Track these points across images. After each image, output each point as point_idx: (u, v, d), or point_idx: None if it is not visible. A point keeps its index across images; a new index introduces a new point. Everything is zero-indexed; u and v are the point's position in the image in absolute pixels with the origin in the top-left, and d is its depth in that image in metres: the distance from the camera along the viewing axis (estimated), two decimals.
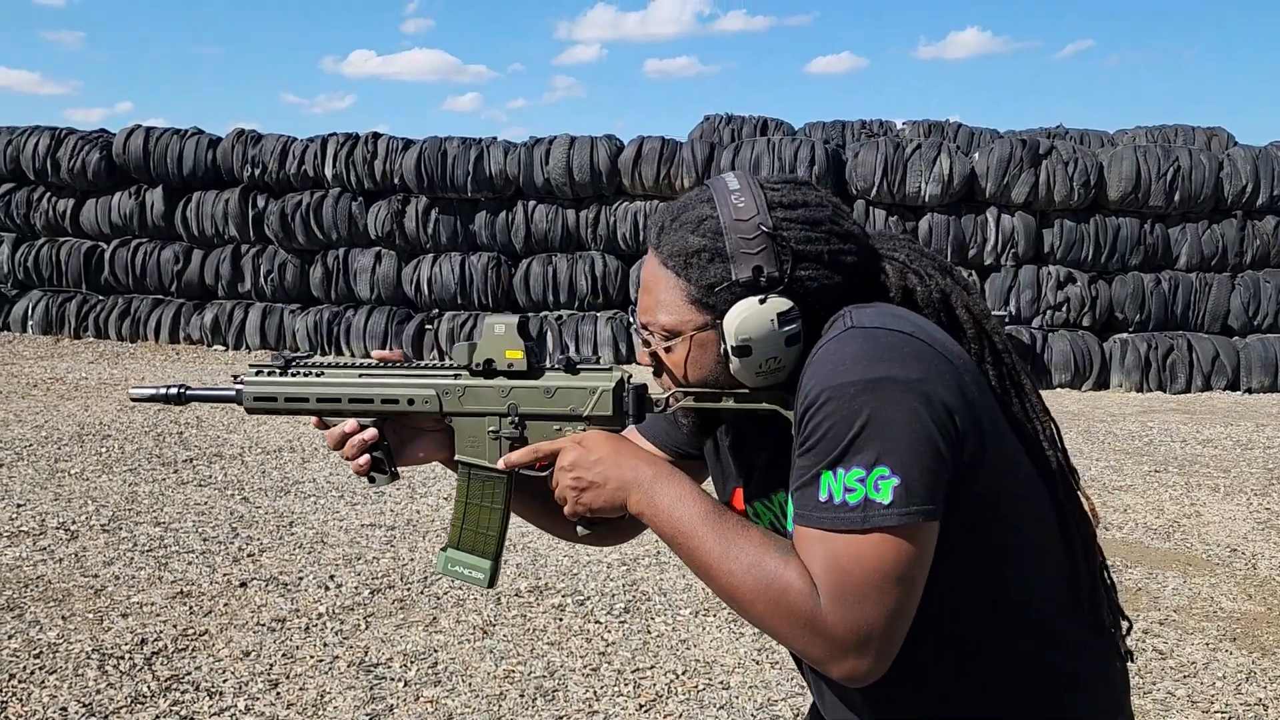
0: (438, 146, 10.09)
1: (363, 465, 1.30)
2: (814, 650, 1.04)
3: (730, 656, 3.32)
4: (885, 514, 1.00)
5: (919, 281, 1.19)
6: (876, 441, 1.01)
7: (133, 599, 3.65)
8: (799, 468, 1.06)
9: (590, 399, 1.24)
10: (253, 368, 1.34)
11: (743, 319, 1.11)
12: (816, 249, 1.14)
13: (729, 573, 1.07)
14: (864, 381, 1.02)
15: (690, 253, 1.14)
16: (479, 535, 1.31)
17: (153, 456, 5.79)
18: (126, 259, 10.69)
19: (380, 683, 3.07)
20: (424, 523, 4.70)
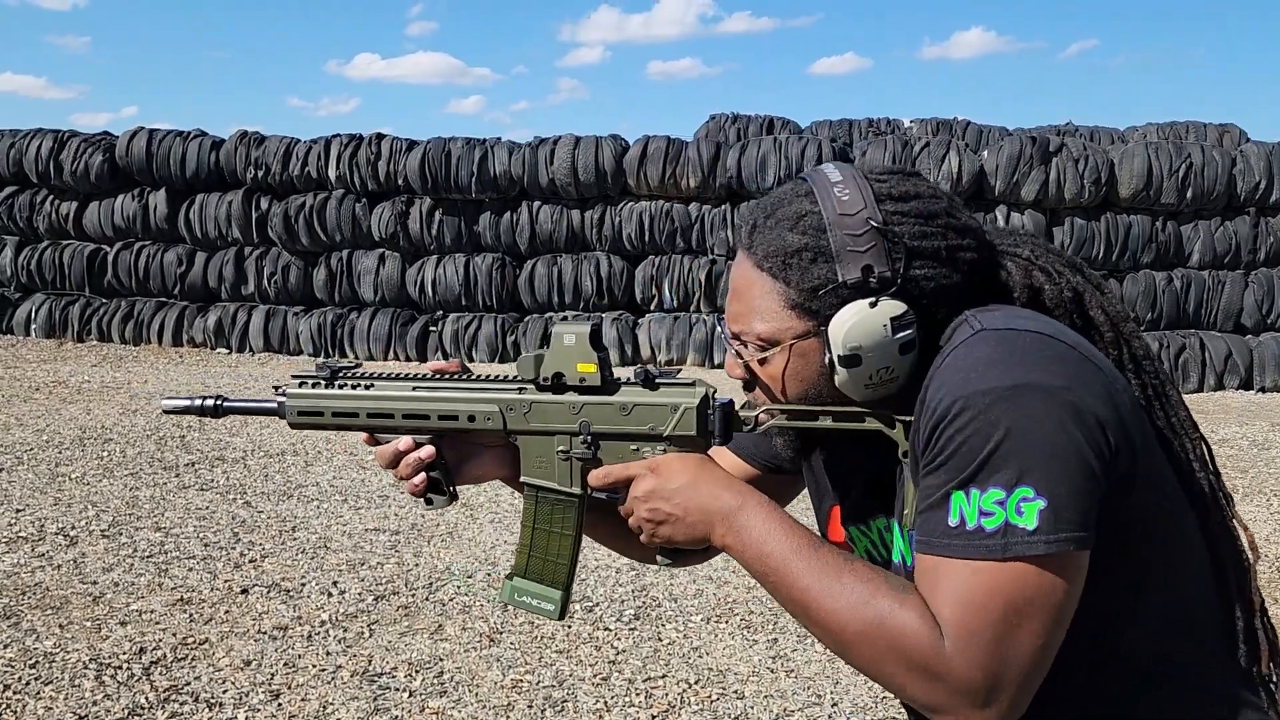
0: (442, 147, 10.01)
1: (419, 486, 1.20)
2: (933, 699, 0.91)
3: (744, 665, 3.23)
4: (1030, 541, 0.88)
5: (1047, 280, 1.06)
6: (1018, 458, 0.88)
7: (132, 606, 3.57)
8: (925, 488, 0.94)
9: (672, 417, 1.12)
10: (295, 379, 1.24)
11: (851, 325, 1.00)
12: (932, 245, 1.01)
13: (831, 612, 0.95)
14: (1002, 389, 0.90)
15: (789, 252, 1.02)
16: (548, 563, 1.21)
17: (154, 460, 5.71)
18: (129, 262, 10.63)
19: (384, 693, 2.99)
20: (429, 527, 4.62)
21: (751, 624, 3.55)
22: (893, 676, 0.92)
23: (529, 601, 1.22)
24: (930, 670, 0.90)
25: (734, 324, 1.09)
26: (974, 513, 0.90)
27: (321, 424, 1.23)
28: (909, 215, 1.02)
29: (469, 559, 4.18)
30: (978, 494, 0.90)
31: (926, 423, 0.95)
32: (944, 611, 0.90)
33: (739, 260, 1.10)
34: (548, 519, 1.20)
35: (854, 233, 1.00)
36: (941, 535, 0.92)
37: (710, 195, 9.70)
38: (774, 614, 3.64)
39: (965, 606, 0.89)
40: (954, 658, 0.89)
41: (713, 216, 9.67)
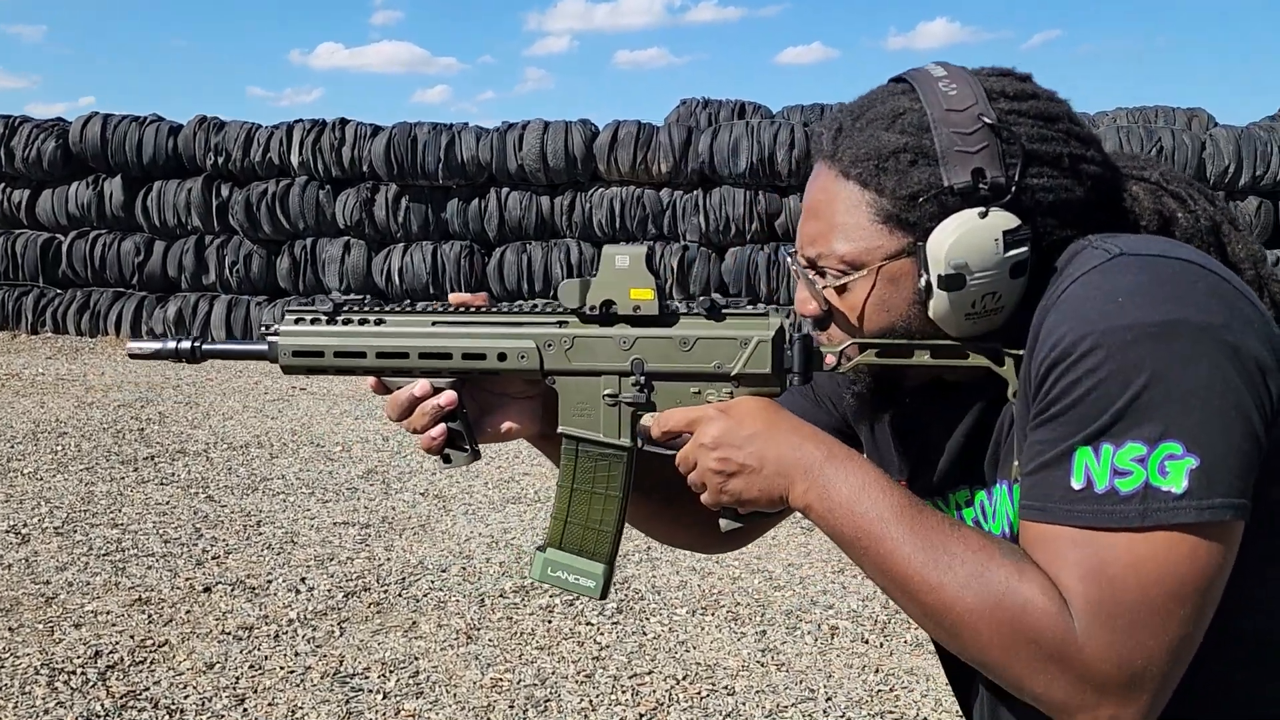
0: (407, 133, 9.79)
1: (437, 439, 1.01)
2: (1058, 692, 0.76)
3: (733, 659, 3.11)
4: (1177, 507, 0.74)
5: (1180, 207, 0.91)
6: (1164, 407, 0.74)
7: (87, 608, 3.39)
8: (1036, 443, 0.80)
9: (741, 353, 0.96)
10: (291, 314, 1.05)
11: (957, 238, 0.85)
12: (1053, 150, 0.86)
13: (937, 587, 0.80)
14: (1147, 325, 0.75)
15: (884, 154, 0.87)
16: (589, 531, 1.03)
17: (111, 454, 5.50)
18: (85, 251, 10.31)
19: (357, 695, 2.84)
20: (400, 520, 4.46)
21: (739, 616, 3.43)
22: (1009, 664, 0.78)
23: (565, 578, 1.04)
24: (1058, 656, 0.76)
25: (810, 248, 0.93)
26: (1105, 473, 0.75)
27: (321, 366, 1.05)
28: (1026, 115, 0.87)
29: (442, 553, 4.02)
30: (1111, 450, 0.75)
31: (1041, 362, 0.80)
32: (1072, 585, 0.76)
33: (817, 173, 0.94)
34: (590, 478, 1.02)
35: (963, 131, 0.85)
36: (1061, 500, 0.77)
37: (682, 181, 9.56)
38: (761, 605, 3.52)
39: (1099, 582, 0.75)
40: (1087, 643, 0.75)
41: (684, 202, 9.53)
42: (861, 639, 3.26)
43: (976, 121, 0.85)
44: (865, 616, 3.42)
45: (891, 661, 3.10)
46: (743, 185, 9.40)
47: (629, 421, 1.00)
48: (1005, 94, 0.89)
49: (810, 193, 0.95)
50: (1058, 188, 0.87)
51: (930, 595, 0.80)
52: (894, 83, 0.93)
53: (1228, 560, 0.76)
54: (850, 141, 0.90)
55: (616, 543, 1.04)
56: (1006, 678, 0.79)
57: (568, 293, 0.99)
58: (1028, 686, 0.78)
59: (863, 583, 3.72)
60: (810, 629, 3.33)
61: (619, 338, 0.99)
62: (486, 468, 5.37)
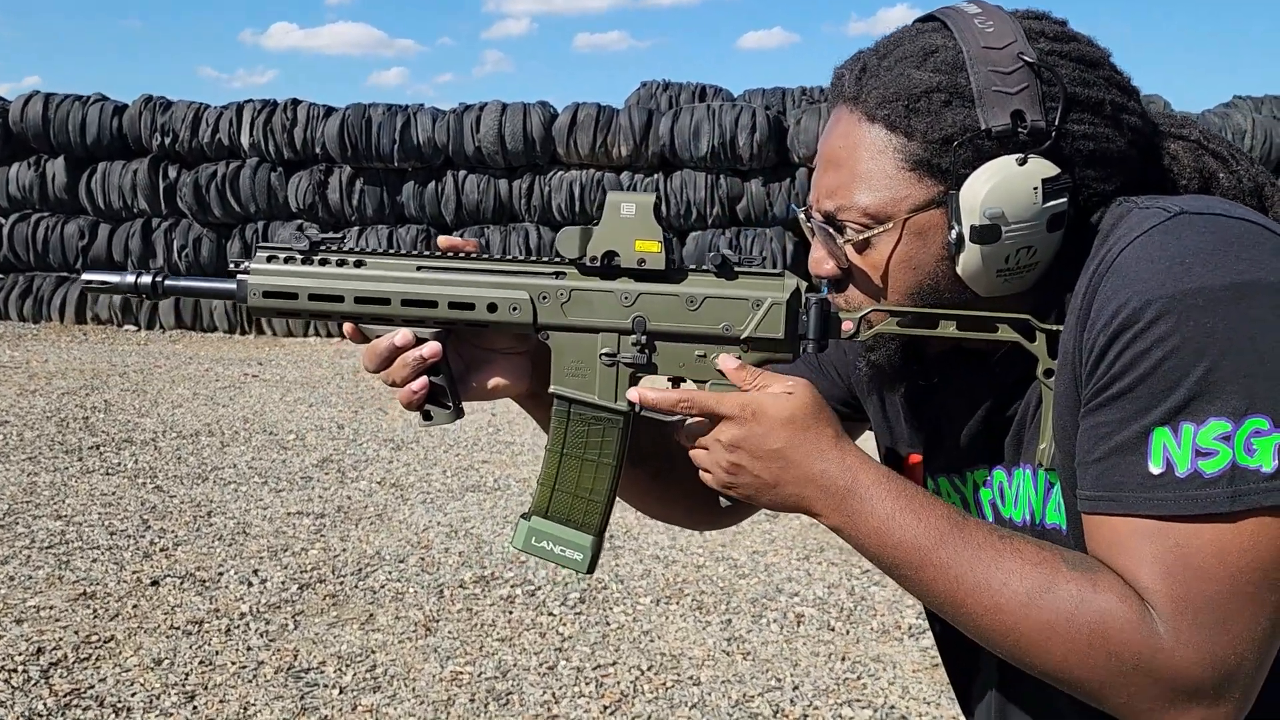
0: (362, 114, 9.61)
1: (418, 392, 0.92)
2: (1146, 700, 0.70)
3: (698, 648, 3.06)
4: (1269, 487, 0.68)
5: (1222, 167, 0.85)
6: (1245, 378, 0.68)
7: (29, 602, 3.26)
8: (1101, 425, 0.73)
9: (753, 314, 0.89)
10: (263, 250, 0.96)
11: (994, 184, 0.78)
12: (1096, 95, 0.79)
13: (994, 609, 0.73)
14: (1224, 287, 0.69)
15: (916, 94, 0.80)
16: (578, 500, 0.95)
17: (55, 443, 5.32)
18: (27, 234, 10.02)
19: (312, 690, 2.75)
20: (356, 510, 4.36)
21: (703, 605, 3.38)
22: (1088, 680, 0.72)
23: (549, 549, 0.96)
24: (1145, 664, 0.70)
25: (828, 200, 0.85)
26: (1187, 454, 0.69)
27: (294, 309, 0.96)
28: (1068, 57, 0.81)
29: (399, 543, 3.93)
30: (1192, 429, 0.69)
31: (1099, 333, 0.73)
32: (1153, 585, 0.70)
33: (837, 119, 0.87)
34: (581, 443, 0.94)
35: (1002, 70, 0.78)
36: (1138, 488, 0.71)
37: (642, 164, 9.48)
38: (726, 593, 3.48)
39: (1183, 576, 0.69)
40: (1176, 646, 0.69)
41: (645, 186, 9.45)
42: (828, 626, 3.22)
43: (1016, 60, 0.79)
44: (831, 604, 3.39)
45: (858, 649, 3.07)
46: (704, 169, 9.34)
47: (627, 383, 0.93)
48: (1045, 34, 0.82)
49: (828, 140, 0.87)
50: (1099, 136, 0.80)
51: (989, 618, 0.75)
52: (923, 21, 0.86)
53: None
54: (877, 81, 0.83)
55: (607, 514, 0.96)
56: (1085, 691, 0.74)
57: (566, 241, 0.91)
58: (1109, 698, 0.73)
59: (829, 569, 3.69)
60: (776, 617, 3.29)
61: (620, 293, 0.91)
62: (445, 456, 5.28)
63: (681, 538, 4.00)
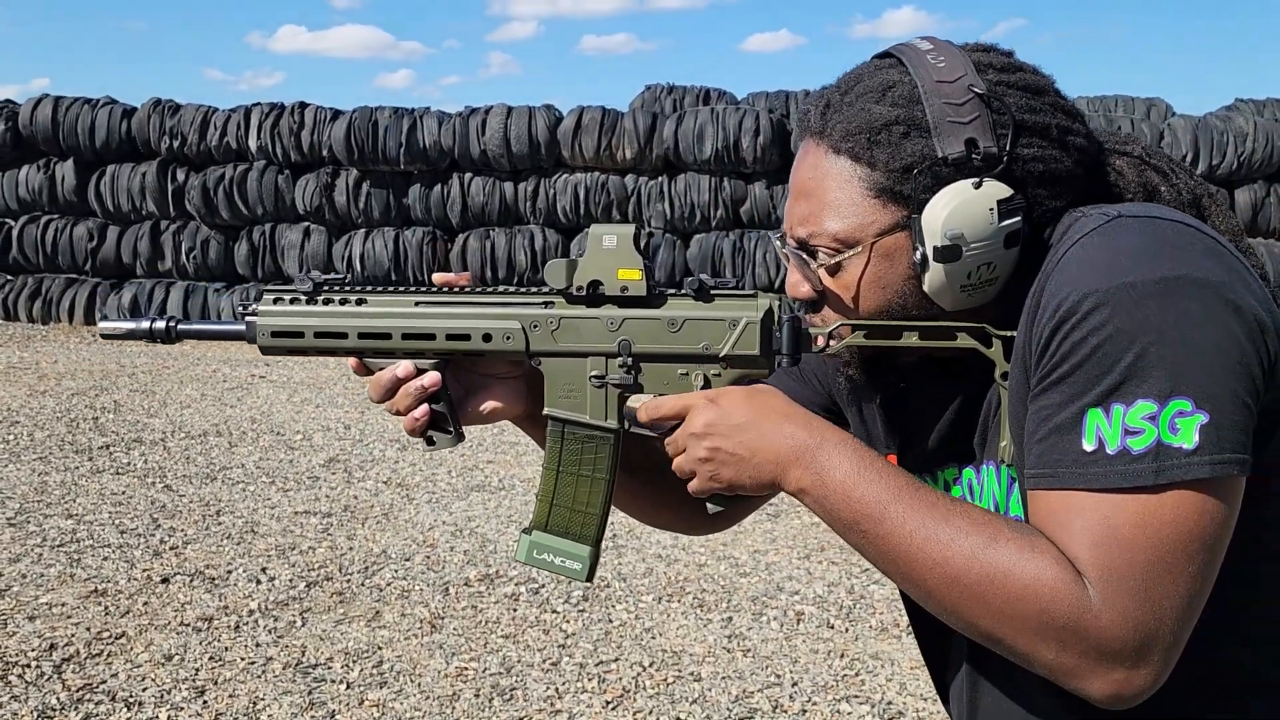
0: (368, 117, 9.67)
1: (420, 419, 1.00)
2: (1072, 659, 0.76)
3: (699, 645, 3.11)
4: (1190, 463, 0.74)
5: (1163, 181, 0.92)
6: (1172, 363, 0.73)
7: (41, 600, 3.32)
8: (1044, 408, 0.79)
9: (730, 334, 0.96)
10: (269, 293, 1.03)
11: (952, 208, 0.84)
12: (1042, 121, 0.86)
13: (940, 562, 0.79)
14: (1150, 283, 0.74)
15: (876, 127, 0.86)
16: (575, 514, 1.02)
17: (65, 443, 5.39)
18: (36, 236, 10.09)
19: (319, 685, 2.80)
20: (363, 509, 4.41)
21: (704, 603, 3.43)
22: (1019, 637, 0.77)
23: (551, 560, 1.03)
24: (1072, 624, 0.75)
25: (800, 228, 0.91)
26: (1116, 433, 0.75)
27: (301, 347, 1.03)
28: (1014, 87, 0.87)
29: (405, 542, 3.98)
30: (1121, 410, 0.75)
31: (1044, 325, 0.79)
32: (1083, 554, 0.76)
33: (805, 152, 0.93)
34: (576, 460, 1.01)
35: (954, 101, 0.85)
36: (1073, 464, 0.77)
37: (646, 166, 9.53)
38: (727, 592, 3.52)
39: (1110, 546, 0.75)
40: (1102, 609, 0.74)
41: (649, 188, 9.50)
42: (827, 624, 3.27)
43: (967, 92, 0.85)
44: (831, 602, 3.43)
45: (857, 646, 3.11)
46: (707, 172, 9.39)
47: (615, 403, 1.00)
48: (993, 66, 0.88)
49: (798, 172, 0.93)
50: (1047, 158, 0.87)
51: (934, 571, 0.80)
52: (880, 58, 0.92)
53: (1232, 515, 0.77)
54: (840, 116, 0.89)
55: (603, 525, 1.03)
56: (1016, 649, 0.79)
57: (554, 273, 0.98)
58: (1039, 656, 0.78)
59: (828, 568, 3.73)
60: (776, 615, 3.34)
61: (606, 319, 0.98)
62: (450, 456, 5.33)
63: (684, 537, 4.05)
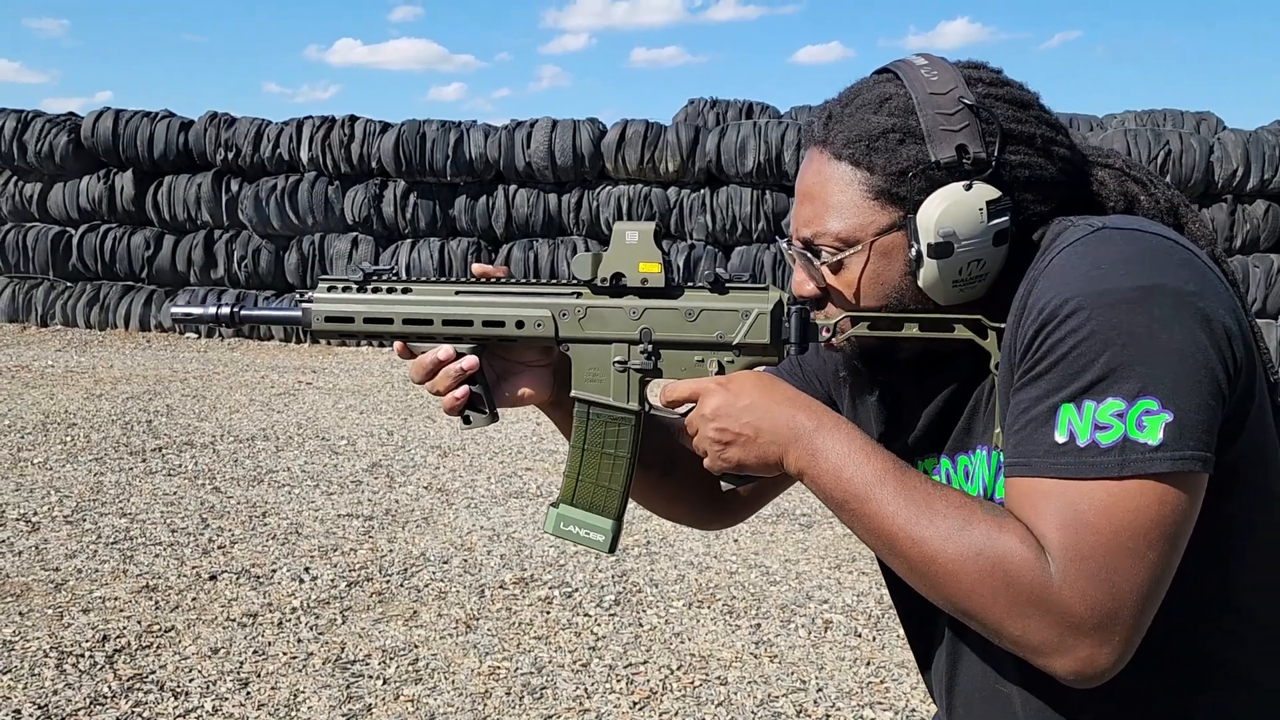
0: (416, 129, 9.86)
1: (460, 398, 1.08)
2: (1035, 634, 0.82)
3: (727, 650, 3.16)
4: (1153, 457, 0.79)
5: (1142, 190, 0.98)
6: (1142, 366, 0.79)
7: (95, 594, 3.46)
8: (1022, 402, 0.85)
9: (742, 324, 1.03)
10: (323, 282, 1.13)
11: (944, 208, 0.91)
12: (1028, 131, 0.94)
13: (920, 540, 0.86)
14: (1127, 290, 0.81)
15: (874, 135, 0.94)
16: (599, 488, 1.10)
17: (120, 445, 5.57)
18: (95, 244, 10.41)
19: (357, 680, 2.90)
20: (403, 513, 4.52)
21: (734, 609, 3.48)
22: (989, 611, 0.83)
23: (575, 532, 1.11)
24: (1036, 600, 0.81)
25: (805, 229, 0.99)
26: (1087, 427, 0.81)
27: (351, 331, 1.12)
28: (1002, 99, 0.95)
29: (444, 545, 4.08)
30: (1093, 406, 0.81)
31: (1029, 325, 0.85)
32: (1050, 534, 0.82)
33: (810, 159, 1.00)
34: (600, 439, 1.09)
35: (946, 111, 0.92)
36: (1045, 454, 0.83)
37: (689, 179, 9.61)
38: (757, 599, 3.57)
39: (1075, 529, 0.80)
40: (1063, 586, 0.80)
41: (691, 201, 9.58)
42: (854, 633, 3.31)
43: (957, 103, 0.92)
44: (859, 611, 3.47)
45: (883, 655, 3.15)
46: (749, 185, 9.45)
47: (637, 387, 1.07)
48: (982, 80, 0.96)
49: (803, 178, 1.00)
50: (1033, 165, 0.94)
51: (914, 549, 0.86)
52: (878, 74, 1.00)
53: (1193, 510, 0.82)
54: (841, 126, 0.97)
55: (624, 500, 1.11)
56: (987, 623, 0.84)
57: (580, 265, 1.05)
58: (1007, 630, 0.83)
59: (859, 578, 3.77)
60: (804, 622, 3.38)
61: (629, 308, 1.05)
62: (489, 462, 5.43)
63: (716, 545, 4.10)
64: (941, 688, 1.05)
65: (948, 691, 1.04)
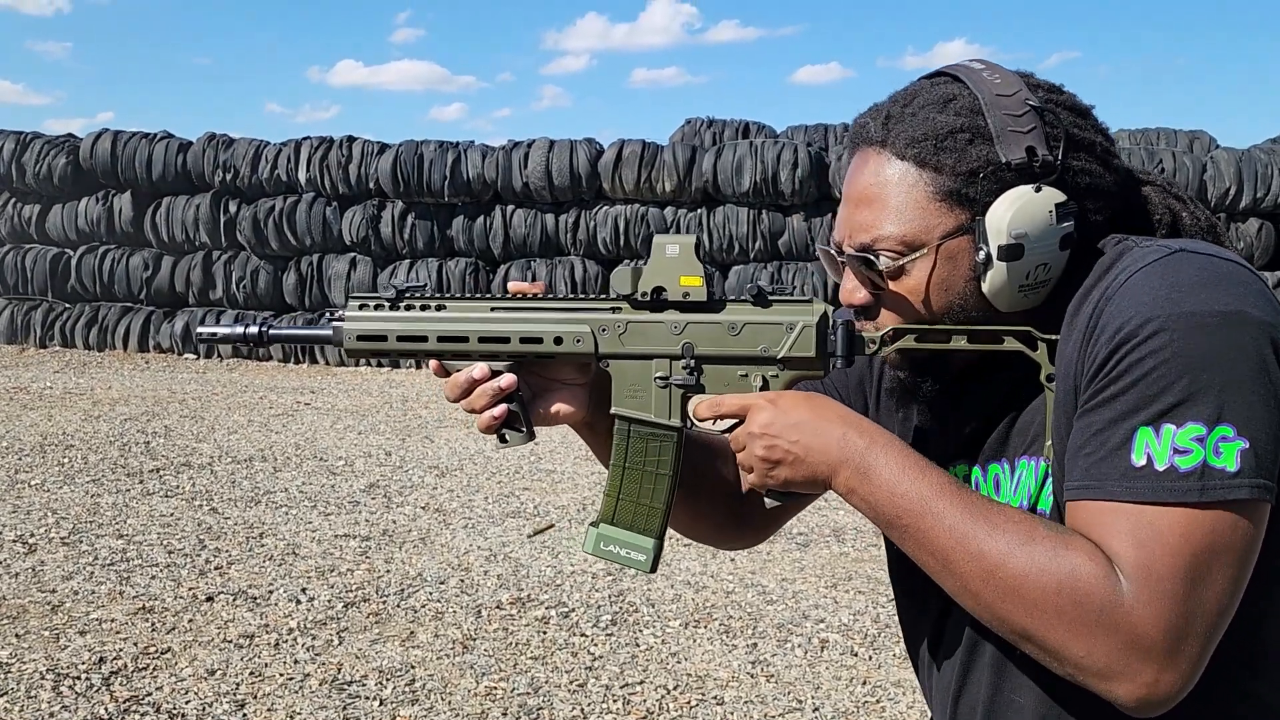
0: (414, 150, 9.91)
1: (498, 417, 1.04)
2: (1101, 656, 0.79)
3: (723, 670, 3.16)
4: (1231, 484, 0.78)
5: (1184, 208, 0.99)
6: (1221, 391, 0.79)
7: (92, 615, 3.46)
8: (1094, 423, 0.84)
9: (787, 337, 1.00)
10: (354, 299, 1.08)
11: (1017, 208, 0.90)
12: (1089, 138, 0.94)
13: (978, 555, 0.83)
14: (1213, 314, 0.80)
15: (943, 134, 0.92)
16: (640, 507, 1.07)
17: (117, 466, 5.57)
18: (94, 266, 10.44)
19: (354, 702, 2.90)
20: (401, 533, 4.52)
21: (731, 629, 3.48)
22: (1052, 629, 0.81)
23: (616, 551, 1.08)
24: (1105, 618, 0.79)
25: (860, 235, 0.96)
26: (1165, 451, 0.80)
27: (384, 350, 1.08)
28: (1063, 106, 0.95)
29: (441, 565, 4.08)
30: (1172, 430, 0.80)
31: (1102, 344, 0.84)
32: (1124, 551, 0.80)
33: (864, 161, 0.97)
34: (640, 457, 1.06)
35: (1014, 113, 0.91)
36: (1121, 478, 0.81)
37: (686, 199, 9.66)
38: (753, 619, 3.58)
39: (1153, 547, 0.79)
40: (1136, 605, 0.78)
41: (688, 220, 9.62)
42: (851, 652, 3.31)
43: (1024, 105, 0.92)
44: (856, 630, 3.47)
45: (880, 674, 3.15)
46: (746, 204, 9.49)
47: (679, 403, 1.05)
48: (1041, 87, 0.96)
49: (856, 181, 0.97)
50: (1093, 172, 0.94)
51: (972, 564, 0.84)
52: (932, 77, 0.99)
53: (1259, 537, 0.82)
54: (903, 126, 0.94)
55: (666, 519, 1.08)
56: (1048, 642, 0.82)
57: (620, 279, 1.03)
58: (1070, 651, 0.81)
59: (855, 597, 3.77)
60: (801, 642, 3.38)
61: (670, 323, 1.03)
62: (487, 483, 5.44)
63: (713, 564, 4.11)
64: (946, 695, 1.04)
65: (954, 700, 1.03)
